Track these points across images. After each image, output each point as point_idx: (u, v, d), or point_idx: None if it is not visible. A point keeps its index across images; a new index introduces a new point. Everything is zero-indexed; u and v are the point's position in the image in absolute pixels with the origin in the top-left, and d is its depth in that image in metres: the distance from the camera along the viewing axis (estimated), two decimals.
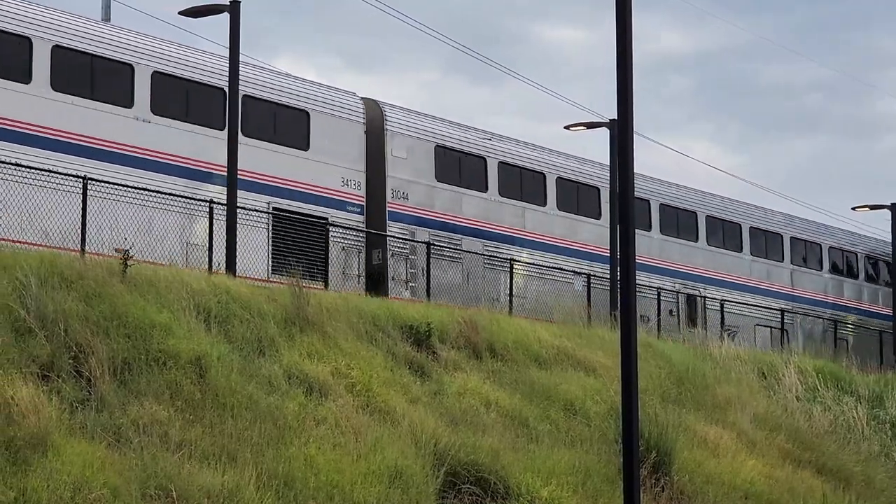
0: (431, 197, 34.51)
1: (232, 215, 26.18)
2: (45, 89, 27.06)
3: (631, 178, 19.57)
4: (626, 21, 19.32)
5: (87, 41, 28.00)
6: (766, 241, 45.13)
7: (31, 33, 27.03)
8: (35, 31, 27.09)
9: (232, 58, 26.85)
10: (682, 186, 42.74)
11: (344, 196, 32.40)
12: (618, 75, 19.40)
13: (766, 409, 29.16)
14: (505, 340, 25.82)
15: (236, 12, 26.77)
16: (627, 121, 19.55)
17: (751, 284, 43.71)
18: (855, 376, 34.72)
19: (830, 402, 31.81)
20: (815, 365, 33.73)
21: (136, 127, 28.45)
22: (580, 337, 28.27)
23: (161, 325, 19.45)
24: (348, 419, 20.08)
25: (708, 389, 28.78)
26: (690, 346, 32.24)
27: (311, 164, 31.71)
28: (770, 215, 45.95)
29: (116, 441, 17.14)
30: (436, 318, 24.90)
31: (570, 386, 25.16)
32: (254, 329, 21.13)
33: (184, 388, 18.59)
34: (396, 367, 22.66)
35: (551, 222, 37.31)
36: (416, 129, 34.60)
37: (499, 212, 35.93)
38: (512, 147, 37.12)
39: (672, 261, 40.92)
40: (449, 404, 22.30)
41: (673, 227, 41.39)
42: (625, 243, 19.60)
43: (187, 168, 29.10)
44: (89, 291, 19.39)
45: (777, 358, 33.95)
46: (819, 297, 46.70)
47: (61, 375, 17.72)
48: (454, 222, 34.83)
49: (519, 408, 23.45)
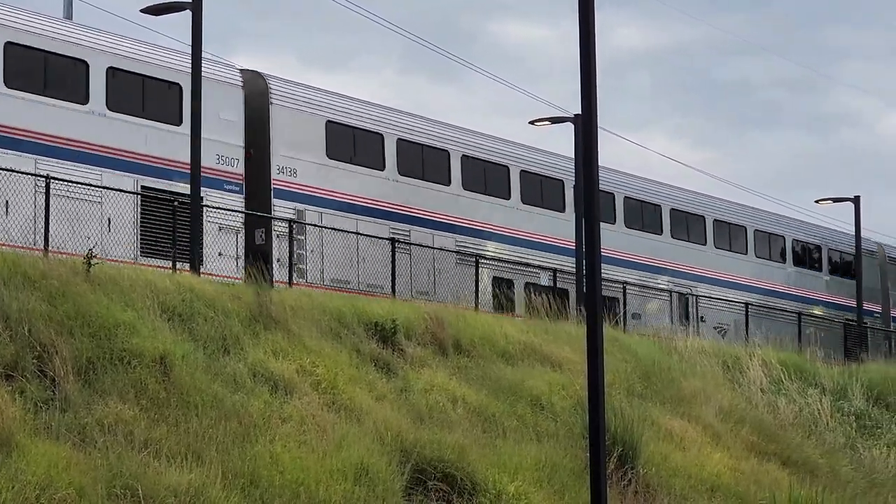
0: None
1: (196, 210, 26.12)
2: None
3: (596, 173, 19.59)
4: (590, 16, 19.33)
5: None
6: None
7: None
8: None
9: (195, 55, 26.76)
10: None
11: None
12: (581, 70, 19.40)
13: (730, 402, 29.26)
14: (471, 336, 25.82)
15: (198, 9, 26.69)
16: (591, 116, 19.56)
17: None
18: (819, 368, 34.86)
19: (795, 395, 31.94)
20: (779, 357, 33.85)
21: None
22: (546, 332, 28.30)
23: (125, 323, 19.37)
24: (314, 417, 20.04)
25: (673, 383, 28.87)
26: (656, 339, 32.32)
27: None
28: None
29: (81, 441, 17.06)
30: (402, 315, 24.88)
31: (537, 381, 25.19)
32: (218, 327, 21.07)
33: (148, 387, 18.52)
34: (362, 365, 22.63)
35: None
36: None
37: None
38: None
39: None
40: (415, 401, 22.29)
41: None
42: (590, 236, 19.62)
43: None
44: (53, 291, 19.29)
45: (741, 350, 34.07)
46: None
47: (25, 375, 17.62)
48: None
49: (485, 404, 23.46)
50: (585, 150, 19.66)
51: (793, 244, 48.10)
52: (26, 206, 24.85)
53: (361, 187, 33.36)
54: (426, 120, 36.10)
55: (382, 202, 33.78)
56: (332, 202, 32.75)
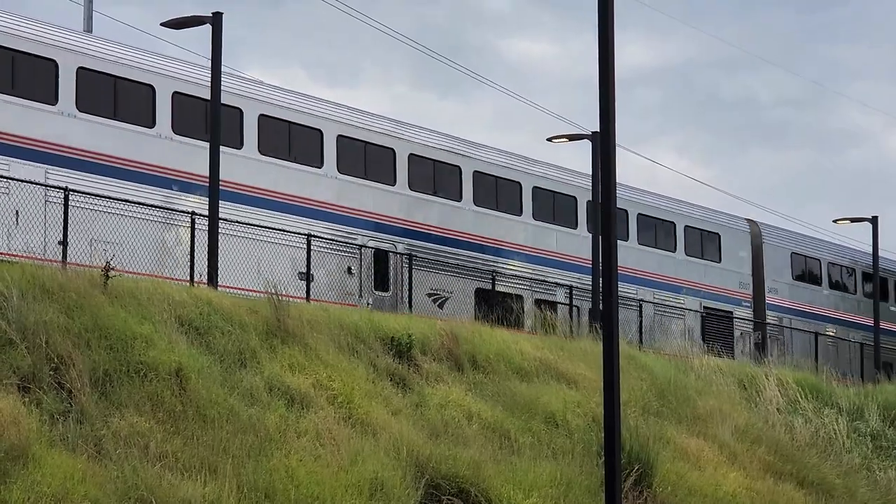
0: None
1: (214, 226, 26.16)
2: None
3: (613, 189, 19.60)
4: (608, 38, 19.36)
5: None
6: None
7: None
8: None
9: (214, 68, 26.82)
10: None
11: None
12: (600, 89, 19.44)
13: (746, 422, 29.20)
14: (487, 352, 25.81)
15: (218, 24, 26.76)
16: (609, 133, 19.59)
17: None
18: (835, 388, 34.79)
19: (811, 415, 31.86)
20: (795, 377, 33.78)
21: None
22: (562, 349, 28.28)
23: (142, 336, 19.41)
24: (329, 431, 20.05)
25: (689, 401, 28.81)
26: (671, 357, 32.27)
27: None
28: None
29: (97, 453, 17.09)
30: (417, 330, 24.88)
31: (552, 398, 25.16)
32: (235, 340, 21.10)
33: (165, 400, 18.55)
34: (378, 379, 22.63)
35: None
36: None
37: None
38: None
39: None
40: (430, 416, 22.29)
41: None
42: (607, 253, 19.62)
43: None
44: (70, 303, 19.34)
45: (757, 370, 34.00)
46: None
47: (42, 387, 17.66)
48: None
49: (500, 420, 23.44)
50: (603, 169, 19.67)
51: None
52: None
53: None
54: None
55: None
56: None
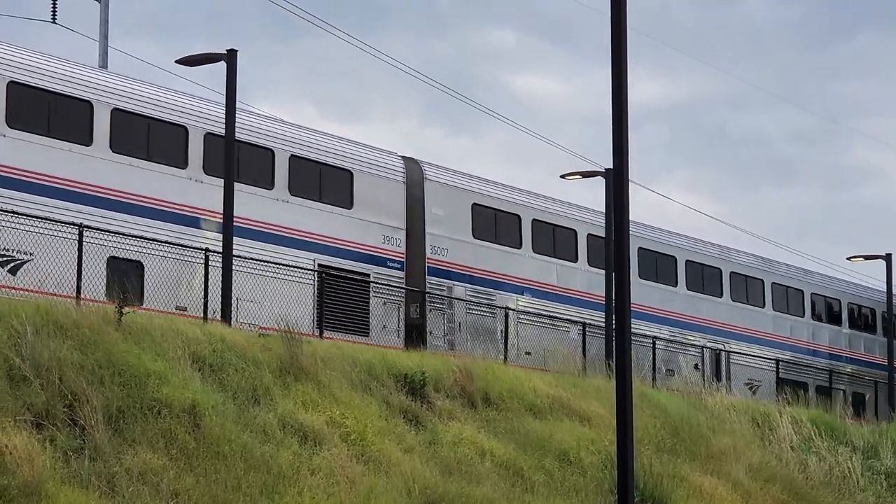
0: None
1: (227, 263, 26.21)
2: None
3: (626, 226, 19.63)
4: (622, 76, 19.42)
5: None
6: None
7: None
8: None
9: (228, 105, 26.95)
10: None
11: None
12: (613, 126, 19.50)
13: (760, 460, 29.11)
14: (500, 389, 25.79)
15: (233, 61, 26.89)
16: (623, 170, 19.64)
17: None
18: (849, 426, 34.68)
19: (825, 453, 31.76)
20: (809, 414, 33.70)
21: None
22: (575, 386, 28.24)
23: (156, 373, 19.43)
24: (342, 468, 20.03)
25: (703, 439, 28.74)
26: (684, 395, 32.21)
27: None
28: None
29: (110, 490, 17.09)
30: (430, 367, 24.88)
31: (565, 435, 25.12)
32: (248, 378, 21.11)
33: (178, 437, 18.55)
34: (391, 417, 22.62)
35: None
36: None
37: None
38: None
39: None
40: (443, 454, 22.26)
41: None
42: (620, 290, 19.63)
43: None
44: (84, 340, 19.37)
45: (771, 407, 33.92)
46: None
47: (56, 424, 17.68)
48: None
49: (514, 457, 23.40)
50: (616, 206, 19.70)
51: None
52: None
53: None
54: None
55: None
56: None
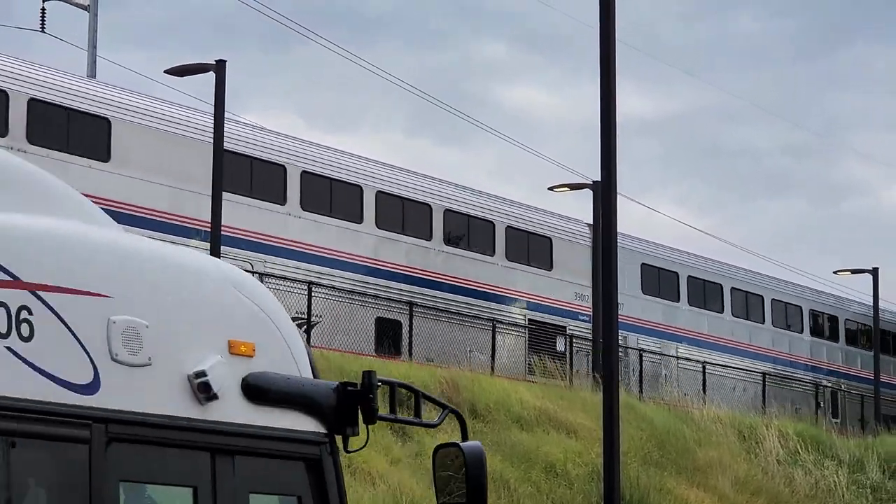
0: None
1: None
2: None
3: (614, 238, 19.63)
4: (611, 87, 19.43)
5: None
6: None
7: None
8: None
9: (217, 115, 26.94)
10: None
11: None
12: (602, 139, 19.49)
13: (746, 473, 29.13)
14: (486, 401, 25.78)
15: (222, 71, 26.89)
16: (611, 183, 19.64)
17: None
18: (835, 440, 34.70)
19: (811, 466, 31.77)
20: (795, 428, 33.71)
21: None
22: (562, 398, 28.24)
23: None
24: None
25: (689, 452, 28.75)
26: (671, 407, 32.23)
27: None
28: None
29: None
30: (417, 379, 24.84)
31: (552, 447, 25.11)
32: None
33: None
34: (377, 428, 22.53)
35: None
36: None
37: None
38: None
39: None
40: (430, 465, 22.16)
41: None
42: (607, 303, 19.63)
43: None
44: None
45: (757, 420, 33.94)
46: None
47: None
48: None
49: (500, 469, 23.38)
50: (605, 219, 19.71)
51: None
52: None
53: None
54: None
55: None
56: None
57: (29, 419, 4.78)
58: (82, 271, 5.06)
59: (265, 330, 5.62)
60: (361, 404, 6.13)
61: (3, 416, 4.71)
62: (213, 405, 5.29)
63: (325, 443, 5.86)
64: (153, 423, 5.11)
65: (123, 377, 5.05)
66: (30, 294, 4.86)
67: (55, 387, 4.86)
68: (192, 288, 5.43)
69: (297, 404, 5.73)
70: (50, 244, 5.05)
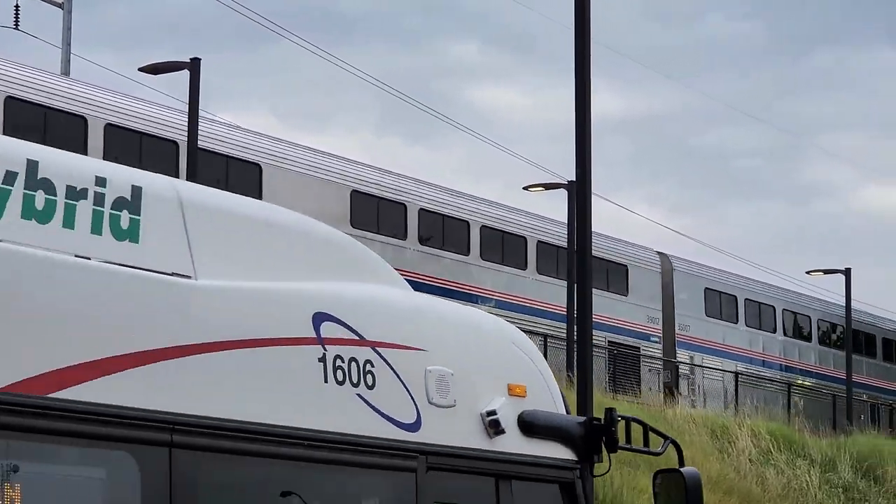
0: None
1: None
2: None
3: (589, 238, 19.68)
4: (586, 86, 19.47)
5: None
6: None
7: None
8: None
9: (191, 114, 26.90)
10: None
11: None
12: (576, 138, 19.55)
13: (719, 472, 29.18)
14: None
15: (196, 70, 26.85)
16: (586, 182, 19.69)
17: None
18: (807, 439, 34.81)
19: (783, 466, 31.89)
20: (768, 427, 33.80)
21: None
22: None
23: None
24: None
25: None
26: (645, 406, 32.28)
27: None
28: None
29: None
30: None
31: None
32: None
33: None
34: None
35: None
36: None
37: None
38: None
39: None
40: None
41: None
42: (582, 302, 19.68)
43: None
44: None
45: (730, 420, 34.02)
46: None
47: None
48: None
49: None
50: (579, 217, 19.76)
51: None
52: None
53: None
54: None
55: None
56: None
57: (374, 453, 6.01)
58: (407, 329, 6.28)
59: (532, 374, 6.92)
60: (605, 436, 7.17)
61: (356, 450, 5.91)
62: (499, 438, 6.54)
63: (577, 468, 7.06)
64: (459, 455, 6.37)
65: (437, 417, 6.27)
66: (372, 350, 6.04)
67: (391, 426, 6.08)
68: (482, 342, 6.76)
69: (557, 436, 6.92)
70: (382, 308, 6.25)
